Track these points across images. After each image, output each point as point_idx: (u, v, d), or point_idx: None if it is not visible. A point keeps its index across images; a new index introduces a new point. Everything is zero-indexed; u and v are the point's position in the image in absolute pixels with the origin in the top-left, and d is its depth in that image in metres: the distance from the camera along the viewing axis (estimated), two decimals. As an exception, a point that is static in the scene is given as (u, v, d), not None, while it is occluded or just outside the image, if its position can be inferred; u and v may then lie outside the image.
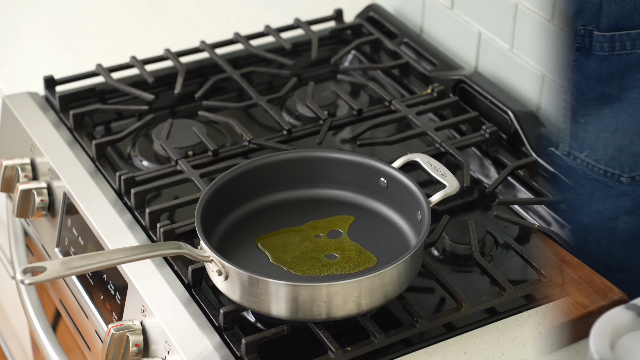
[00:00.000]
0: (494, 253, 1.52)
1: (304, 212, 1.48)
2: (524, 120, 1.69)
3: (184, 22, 2.07)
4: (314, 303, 1.29)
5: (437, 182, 1.46)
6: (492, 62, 1.82)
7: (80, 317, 1.58)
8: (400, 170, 1.46)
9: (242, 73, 1.86)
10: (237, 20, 2.07)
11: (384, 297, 1.32)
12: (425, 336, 1.36)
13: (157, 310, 1.38)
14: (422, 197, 1.40)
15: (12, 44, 2.01)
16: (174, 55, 1.88)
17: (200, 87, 1.84)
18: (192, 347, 1.33)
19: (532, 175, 1.63)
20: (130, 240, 1.51)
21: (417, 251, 1.34)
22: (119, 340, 1.39)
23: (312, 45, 1.93)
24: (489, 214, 1.59)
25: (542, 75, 1.71)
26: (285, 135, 1.70)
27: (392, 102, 1.77)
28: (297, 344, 1.37)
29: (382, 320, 1.38)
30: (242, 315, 1.39)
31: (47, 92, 1.82)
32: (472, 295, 1.41)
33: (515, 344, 1.35)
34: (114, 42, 2.01)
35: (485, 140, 1.69)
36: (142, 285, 1.42)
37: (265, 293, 1.30)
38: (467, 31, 1.86)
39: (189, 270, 1.42)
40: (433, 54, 1.88)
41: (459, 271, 1.49)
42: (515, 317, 1.39)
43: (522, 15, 1.72)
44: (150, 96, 1.79)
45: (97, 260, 1.26)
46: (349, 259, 1.41)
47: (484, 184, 1.66)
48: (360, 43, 1.94)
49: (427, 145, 1.73)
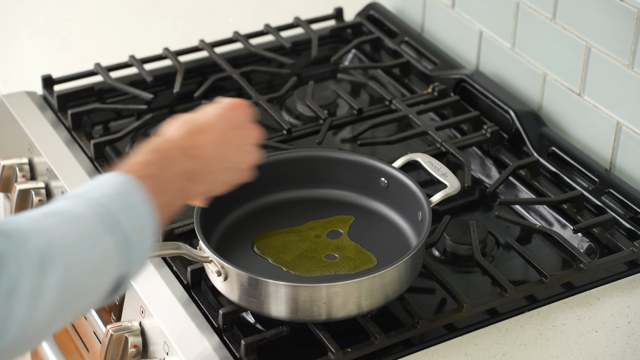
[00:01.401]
0: (495, 253, 1.51)
1: (303, 212, 1.48)
2: (526, 120, 1.68)
3: (183, 21, 2.07)
4: (314, 304, 1.29)
5: (437, 182, 1.46)
6: (493, 61, 1.82)
7: (78, 317, 1.58)
8: (400, 170, 1.46)
9: (241, 72, 1.85)
10: (237, 19, 2.07)
11: (384, 298, 1.32)
12: (426, 337, 1.36)
13: (156, 311, 1.38)
14: (423, 197, 1.40)
15: (10, 43, 2.01)
16: (173, 54, 1.88)
17: (199, 87, 1.84)
18: (191, 348, 1.32)
19: (533, 175, 1.62)
20: (129, 240, 1.50)
21: (418, 251, 1.34)
22: (118, 341, 1.38)
23: (312, 44, 1.93)
24: (490, 214, 1.59)
25: (544, 74, 1.71)
26: (285, 135, 1.70)
27: (393, 101, 1.76)
28: (296, 345, 1.37)
29: (383, 321, 1.38)
30: (242, 316, 1.39)
31: (45, 92, 1.81)
32: (473, 295, 1.40)
33: (517, 345, 1.34)
34: (112, 41, 2.00)
35: (486, 140, 1.68)
36: (140, 285, 1.42)
37: (264, 294, 1.29)
38: (468, 30, 1.86)
39: (188, 271, 1.41)
40: (434, 53, 1.88)
41: (460, 272, 1.49)
42: (516, 318, 1.39)
43: (524, 13, 1.72)
44: (149, 95, 1.78)
45: (95, 260, 1.25)
46: (349, 259, 1.40)
47: (485, 184, 1.66)
48: (360, 42, 1.94)
49: (428, 144, 1.72)
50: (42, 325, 0.98)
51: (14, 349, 0.98)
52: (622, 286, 1.44)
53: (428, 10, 1.95)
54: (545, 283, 1.40)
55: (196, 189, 1.18)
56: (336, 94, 1.81)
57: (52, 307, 0.98)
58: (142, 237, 1.06)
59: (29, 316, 0.96)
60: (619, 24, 1.54)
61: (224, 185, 1.23)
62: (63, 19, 2.07)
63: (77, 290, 1.01)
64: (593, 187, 1.58)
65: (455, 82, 1.80)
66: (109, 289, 1.06)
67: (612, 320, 1.38)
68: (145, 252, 1.07)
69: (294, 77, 1.86)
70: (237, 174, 1.24)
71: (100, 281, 1.04)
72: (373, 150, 1.71)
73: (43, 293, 0.97)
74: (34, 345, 1.02)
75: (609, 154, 1.62)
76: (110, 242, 1.03)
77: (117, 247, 1.03)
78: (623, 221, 1.52)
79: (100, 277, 1.03)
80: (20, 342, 0.97)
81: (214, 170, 1.19)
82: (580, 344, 1.35)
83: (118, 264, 1.04)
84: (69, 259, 0.99)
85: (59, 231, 1.00)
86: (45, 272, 0.97)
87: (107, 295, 1.06)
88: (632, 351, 1.33)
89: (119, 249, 1.04)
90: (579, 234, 1.52)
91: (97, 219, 1.03)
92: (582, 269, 1.43)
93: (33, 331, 0.98)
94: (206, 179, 1.19)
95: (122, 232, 1.04)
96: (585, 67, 1.62)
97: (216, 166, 1.19)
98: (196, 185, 1.17)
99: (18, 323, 0.96)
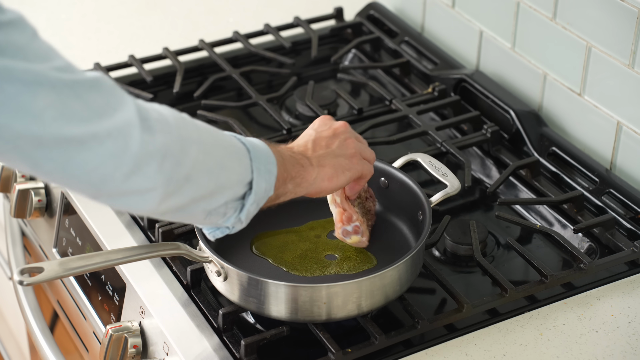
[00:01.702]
0: (495, 254, 1.51)
1: (303, 212, 1.47)
2: (526, 120, 1.68)
3: (182, 21, 2.07)
4: (314, 304, 1.29)
5: (438, 182, 1.46)
6: (493, 60, 1.82)
7: (78, 318, 1.58)
8: (401, 170, 1.45)
9: (241, 72, 1.85)
10: (237, 19, 2.07)
11: (384, 298, 1.32)
12: (426, 337, 1.36)
13: (156, 312, 1.38)
14: (423, 197, 1.40)
15: (10, 43, 2.00)
16: (173, 54, 1.87)
17: (199, 86, 1.84)
18: (191, 349, 1.32)
19: (534, 175, 1.62)
20: (129, 240, 1.50)
21: (418, 252, 1.33)
22: (117, 342, 1.38)
23: (312, 44, 1.93)
24: (491, 214, 1.59)
25: (544, 74, 1.70)
26: (285, 135, 1.70)
27: (393, 101, 1.76)
28: (296, 345, 1.36)
29: (383, 322, 1.38)
30: (242, 316, 1.39)
31: (45, 91, 1.80)
32: (473, 296, 1.40)
33: (517, 345, 1.34)
34: (112, 41, 2.00)
35: (486, 140, 1.68)
36: (140, 286, 1.42)
37: (264, 294, 1.29)
38: (468, 29, 1.85)
39: (188, 271, 1.41)
40: (434, 53, 1.88)
41: (460, 272, 1.48)
42: (517, 318, 1.39)
43: (524, 13, 1.71)
44: (149, 95, 1.78)
45: (95, 260, 1.26)
46: (349, 259, 1.40)
47: (485, 183, 1.66)
48: (360, 42, 1.94)
49: (428, 144, 1.72)
50: (188, 173, 1.09)
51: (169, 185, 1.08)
52: (623, 286, 1.44)
53: (428, 10, 1.95)
54: (546, 283, 1.40)
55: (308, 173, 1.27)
56: (336, 93, 1.81)
57: (196, 158, 1.10)
58: (267, 167, 1.19)
59: (180, 156, 1.08)
60: (619, 23, 1.54)
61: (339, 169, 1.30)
62: (62, 19, 2.07)
63: (215, 159, 1.13)
64: (593, 187, 1.58)
65: (455, 82, 1.80)
66: (241, 186, 1.17)
67: (612, 320, 1.38)
68: (270, 179, 1.19)
69: (294, 77, 1.86)
70: (348, 159, 1.31)
71: (236, 165, 1.15)
72: (373, 150, 1.70)
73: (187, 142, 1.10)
74: (181, 198, 1.11)
75: (610, 154, 1.61)
76: (243, 149, 1.18)
77: (247, 153, 1.18)
78: (623, 221, 1.52)
79: (235, 161, 1.16)
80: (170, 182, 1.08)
81: (321, 154, 1.29)
82: (580, 344, 1.34)
83: (249, 166, 1.17)
84: (205, 135, 1.13)
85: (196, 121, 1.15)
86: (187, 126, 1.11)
87: (238, 191, 1.17)
88: (633, 351, 1.33)
89: (248, 157, 1.18)
90: (579, 234, 1.52)
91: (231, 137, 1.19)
92: (582, 269, 1.43)
93: (182, 175, 1.09)
94: (317, 162, 1.28)
95: (250, 151, 1.18)
96: (585, 67, 1.62)
97: (323, 151, 1.30)
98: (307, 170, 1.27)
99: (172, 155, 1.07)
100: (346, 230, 1.38)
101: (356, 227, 1.37)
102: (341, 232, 1.38)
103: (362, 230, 1.37)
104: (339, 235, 1.38)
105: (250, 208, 1.19)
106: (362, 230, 1.37)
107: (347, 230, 1.38)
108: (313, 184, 1.27)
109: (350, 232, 1.38)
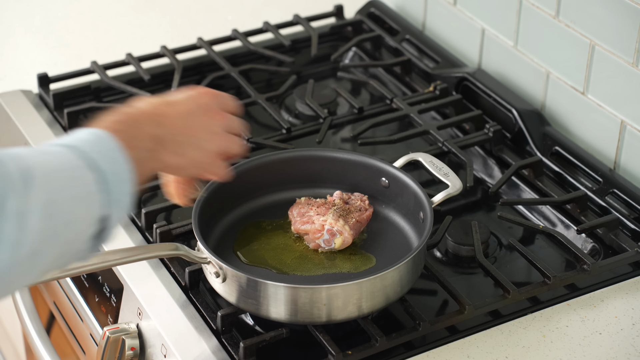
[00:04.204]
0: (497, 254, 1.51)
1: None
2: (529, 119, 1.68)
3: (180, 19, 2.07)
4: (314, 305, 1.28)
5: (439, 182, 1.46)
6: (496, 59, 1.81)
7: (74, 320, 1.57)
8: (401, 170, 1.45)
9: (240, 70, 1.85)
10: (235, 17, 2.07)
11: (385, 300, 1.31)
12: (428, 339, 1.35)
13: (154, 313, 1.37)
14: (425, 197, 1.39)
15: (5, 41, 2.01)
16: (171, 52, 1.87)
17: (197, 85, 1.82)
18: (189, 351, 1.32)
19: (536, 175, 1.62)
20: (126, 241, 1.50)
21: (419, 252, 1.33)
22: (115, 344, 1.38)
23: (311, 42, 1.93)
24: (493, 214, 1.59)
25: (547, 73, 1.70)
26: (285, 134, 1.69)
27: (394, 100, 1.76)
28: (296, 347, 1.36)
29: (384, 323, 1.37)
30: (240, 318, 1.38)
31: (41, 90, 1.81)
32: (475, 297, 1.39)
33: (520, 347, 1.34)
34: (109, 39, 2.00)
35: (488, 139, 1.68)
36: (138, 287, 1.41)
37: (263, 295, 1.28)
38: (470, 28, 1.85)
39: (186, 272, 1.40)
40: (435, 51, 1.88)
41: (462, 273, 1.48)
42: (519, 320, 1.38)
43: (527, 11, 1.71)
44: (147, 94, 1.77)
45: (92, 261, 1.25)
46: (349, 259, 1.39)
47: (487, 183, 1.65)
48: (361, 40, 1.93)
49: (430, 144, 1.72)
50: (33, 249, 0.98)
51: (11, 273, 0.98)
52: (627, 288, 1.44)
53: (429, 8, 1.95)
54: (549, 284, 1.40)
55: (166, 156, 1.19)
56: (336, 92, 1.81)
57: (39, 230, 0.98)
58: (121, 180, 1.07)
59: (19, 235, 0.97)
60: (623, 21, 1.53)
61: (196, 165, 1.23)
62: (59, 17, 2.07)
63: (61, 218, 1.01)
64: (597, 187, 1.57)
65: (457, 81, 1.80)
66: (94, 229, 1.06)
67: (616, 322, 1.38)
68: (126, 196, 1.08)
69: (294, 75, 1.85)
70: (209, 158, 1.25)
71: (84, 214, 1.05)
72: (374, 149, 1.71)
73: (29, 212, 0.97)
74: (30, 277, 1.01)
75: (613, 154, 1.61)
76: (89, 176, 1.05)
77: (96, 183, 1.05)
78: (627, 222, 1.51)
79: (83, 209, 1.04)
80: (14, 266, 0.97)
81: (182, 141, 1.21)
82: (584, 346, 1.34)
83: (100, 201, 1.05)
84: (49, 184, 1.01)
85: (35, 159, 1.02)
86: (28, 191, 0.98)
87: (93, 236, 1.06)
88: (637, 353, 1.33)
89: (98, 186, 1.05)
90: (582, 235, 1.52)
91: (73, 155, 1.05)
92: (585, 270, 1.42)
93: (25, 254, 0.98)
94: (175, 149, 1.20)
95: (99, 170, 1.05)
96: (589, 65, 1.62)
97: (184, 138, 1.21)
98: (166, 152, 1.18)
99: (8, 241, 0.96)
100: (325, 239, 1.38)
101: (330, 231, 1.38)
102: (322, 242, 1.38)
103: (338, 229, 1.37)
104: (323, 250, 1.39)
105: (110, 233, 1.10)
106: (337, 230, 1.37)
107: (326, 239, 1.38)
108: None
109: (330, 238, 1.38)
